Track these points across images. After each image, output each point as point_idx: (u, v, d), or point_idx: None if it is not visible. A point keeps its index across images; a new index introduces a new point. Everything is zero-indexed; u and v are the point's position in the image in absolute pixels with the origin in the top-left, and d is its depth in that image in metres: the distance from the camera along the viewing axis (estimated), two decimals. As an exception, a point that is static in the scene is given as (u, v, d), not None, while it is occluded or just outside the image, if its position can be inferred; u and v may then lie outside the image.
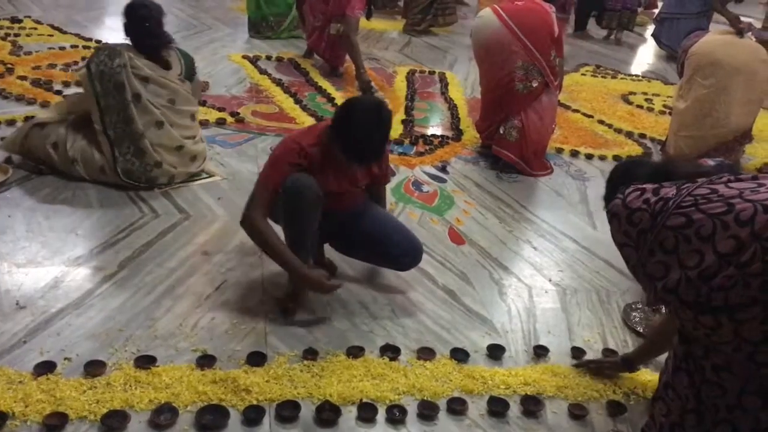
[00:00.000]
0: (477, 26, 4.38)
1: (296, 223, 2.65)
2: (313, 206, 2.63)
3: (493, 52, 4.23)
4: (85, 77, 3.46)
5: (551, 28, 4.18)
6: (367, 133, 2.52)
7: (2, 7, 6.83)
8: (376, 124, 2.53)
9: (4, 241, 2.99)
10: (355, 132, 2.51)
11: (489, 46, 4.25)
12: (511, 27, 4.12)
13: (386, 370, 2.45)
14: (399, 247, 2.88)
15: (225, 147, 4.25)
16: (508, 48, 4.14)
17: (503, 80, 4.21)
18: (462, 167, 4.40)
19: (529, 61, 4.14)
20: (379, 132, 2.56)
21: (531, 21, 4.15)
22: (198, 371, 2.34)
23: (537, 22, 4.15)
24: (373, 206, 2.97)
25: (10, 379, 2.20)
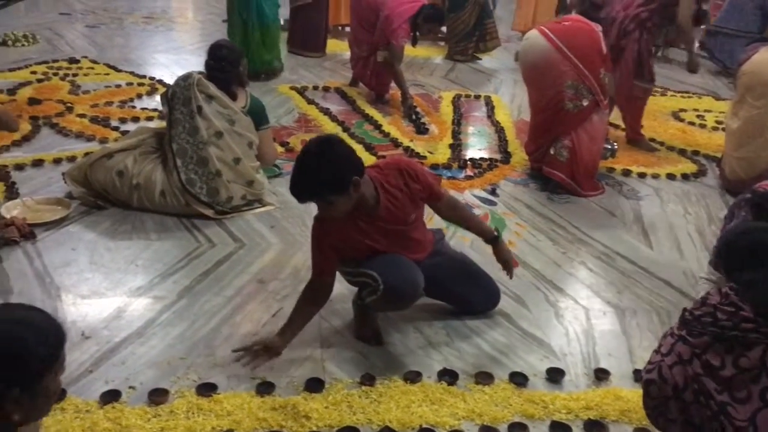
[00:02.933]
0: (524, 48, 4.38)
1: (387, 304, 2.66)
2: (409, 303, 2.66)
3: (541, 72, 4.21)
4: (163, 97, 3.86)
5: (599, 45, 4.16)
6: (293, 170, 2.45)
7: (61, 49, 7.11)
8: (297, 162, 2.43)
9: (69, 274, 3.08)
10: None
11: (537, 67, 4.23)
12: (559, 46, 4.08)
13: (444, 395, 2.43)
14: (480, 304, 2.94)
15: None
16: (556, 68, 4.11)
17: (553, 100, 4.18)
18: (512, 189, 4.37)
19: (579, 80, 4.10)
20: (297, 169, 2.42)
21: (579, 40, 4.12)
22: (258, 398, 2.37)
23: (585, 41, 4.13)
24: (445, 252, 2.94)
25: (77, 408, 2.27)
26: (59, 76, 6.02)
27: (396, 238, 2.66)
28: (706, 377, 1.81)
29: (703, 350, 1.84)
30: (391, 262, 2.59)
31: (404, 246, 2.70)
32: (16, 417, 1.36)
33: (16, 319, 1.39)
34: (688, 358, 1.85)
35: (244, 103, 3.93)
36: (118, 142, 3.96)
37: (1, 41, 7.06)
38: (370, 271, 2.58)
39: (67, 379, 2.41)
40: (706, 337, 1.84)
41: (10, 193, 3.74)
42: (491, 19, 7.86)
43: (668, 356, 1.89)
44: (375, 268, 2.57)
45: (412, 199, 2.64)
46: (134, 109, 5.37)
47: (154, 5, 10.14)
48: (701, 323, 1.85)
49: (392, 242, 2.65)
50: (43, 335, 1.39)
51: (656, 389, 1.90)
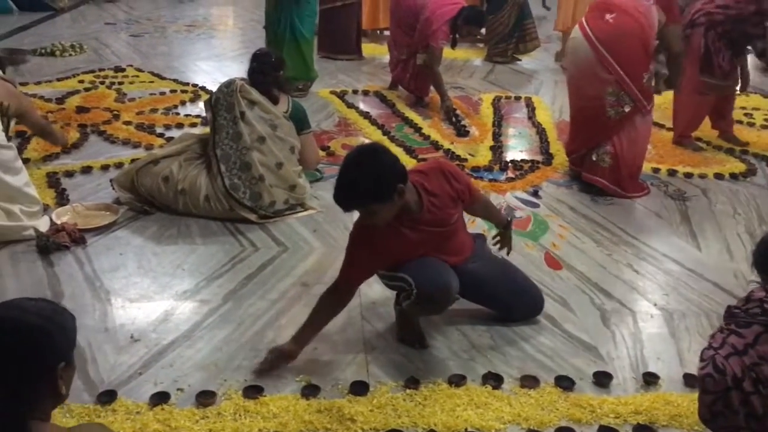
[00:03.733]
0: (568, 49, 4.32)
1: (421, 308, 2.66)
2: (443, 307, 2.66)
3: (583, 76, 4.15)
4: (206, 103, 3.96)
5: (647, 41, 4.02)
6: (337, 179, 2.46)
7: (107, 58, 7.29)
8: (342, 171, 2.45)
9: (118, 278, 3.15)
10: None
11: (579, 71, 4.18)
12: (602, 54, 3.98)
13: (490, 399, 2.42)
14: (523, 311, 2.91)
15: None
16: (598, 76, 4.03)
17: (593, 103, 4.10)
18: (554, 191, 4.33)
19: (620, 88, 4.01)
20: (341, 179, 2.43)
21: (624, 44, 3.97)
22: (303, 401, 2.39)
23: (629, 42, 3.97)
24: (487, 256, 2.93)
25: (128, 409, 2.31)
26: (106, 84, 6.17)
27: (438, 241, 2.66)
28: (765, 364, 1.78)
29: (755, 340, 1.83)
30: (425, 266, 2.59)
31: (445, 249, 2.70)
32: (64, 390, 1.42)
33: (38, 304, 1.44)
34: (742, 348, 1.83)
35: (285, 107, 3.97)
36: (164, 149, 4.03)
37: (50, 51, 7.27)
38: (404, 274, 2.59)
39: (117, 380, 2.47)
40: (756, 326, 1.82)
41: (61, 200, 3.84)
42: (530, 20, 7.79)
43: (721, 348, 1.87)
44: (409, 271, 2.58)
45: (454, 199, 2.65)
46: (178, 115, 5.48)
47: (196, 13, 10.33)
48: (749, 314, 1.83)
49: (434, 246, 2.64)
50: (66, 313, 1.48)
51: (712, 382, 1.86)
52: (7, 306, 1.41)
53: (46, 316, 1.40)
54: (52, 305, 1.46)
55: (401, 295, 2.67)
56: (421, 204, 2.55)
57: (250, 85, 3.87)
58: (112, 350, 2.64)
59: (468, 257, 2.83)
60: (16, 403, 1.31)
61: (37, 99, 5.40)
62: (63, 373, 1.40)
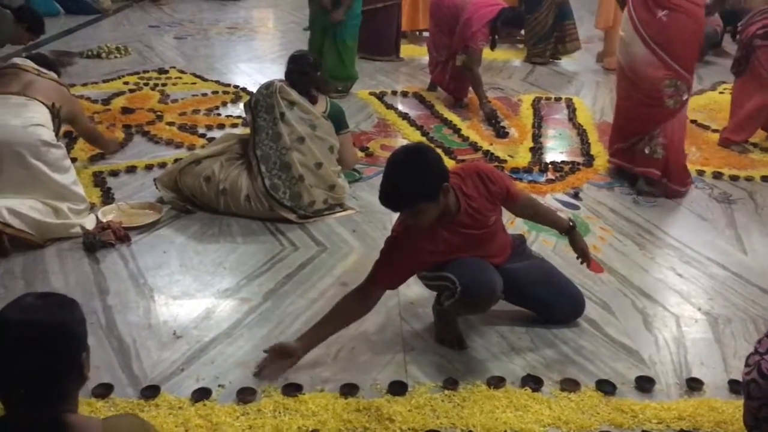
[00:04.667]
0: (620, 46, 4.24)
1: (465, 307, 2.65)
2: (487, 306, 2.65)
3: (638, 69, 4.10)
4: (246, 105, 3.98)
5: (701, 31, 4.08)
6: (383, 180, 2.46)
7: (151, 60, 7.42)
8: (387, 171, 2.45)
9: (161, 275, 3.21)
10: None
11: (634, 67, 4.12)
12: (657, 52, 3.99)
13: (529, 402, 2.40)
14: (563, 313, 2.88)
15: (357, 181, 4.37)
16: (654, 72, 4.03)
17: (650, 95, 4.09)
18: (595, 193, 4.27)
19: (677, 78, 4.03)
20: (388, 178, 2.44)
21: (679, 41, 3.97)
22: (342, 399, 2.40)
23: (685, 38, 3.97)
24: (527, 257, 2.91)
25: (170, 404, 2.35)
26: (150, 86, 6.28)
27: (476, 243, 2.65)
28: None
29: None
30: (469, 265, 2.58)
31: (484, 250, 2.68)
32: (88, 375, 1.47)
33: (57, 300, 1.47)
34: None
35: (324, 108, 4.00)
36: (206, 149, 4.09)
37: (96, 54, 7.43)
38: (447, 273, 2.58)
39: (161, 376, 2.51)
40: None
41: (107, 198, 3.93)
42: (571, 20, 7.70)
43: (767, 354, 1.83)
44: (452, 270, 2.57)
45: (491, 201, 2.64)
46: (219, 116, 5.55)
47: (237, 16, 10.45)
48: None
49: (472, 247, 2.63)
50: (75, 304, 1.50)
51: (757, 388, 1.83)
52: (25, 308, 1.40)
53: (65, 311, 1.43)
54: (63, 298, 1.47)
55: (444, 295, 2.66)
56: (459, 206, 2.54)
57: (289, 86, 3.91)
58: (155, 346, 2.68)
59: (507, 258, 2.82)
60: (52, 402, 1.34)
61: (84, 100, 5.52)
62: (85, 361, 1.45)
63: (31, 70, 3.78)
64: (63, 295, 1.49)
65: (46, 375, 1.35)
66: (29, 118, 3.46)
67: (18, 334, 1.35)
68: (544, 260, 3.00)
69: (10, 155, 3.30)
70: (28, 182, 3.35)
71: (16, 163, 3.31)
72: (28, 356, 1.34)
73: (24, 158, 3.32)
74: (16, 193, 3.33)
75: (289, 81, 3.96)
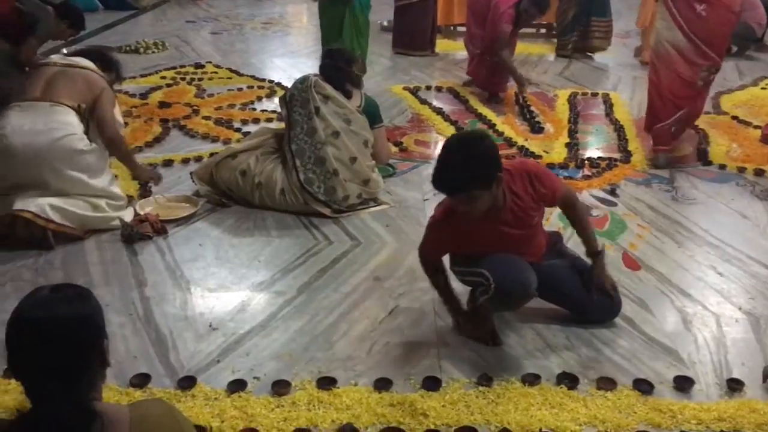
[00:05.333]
0: (659, 35, 4.47)
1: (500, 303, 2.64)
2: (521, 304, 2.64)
3: (680, 57, 4.33)
4: (281, 100, 3.97)
5: (736, 21, 4.34)
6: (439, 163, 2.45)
7: (187, 55, 7.51)
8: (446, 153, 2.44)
9: (197, 268, 3.24)
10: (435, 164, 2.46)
11: (676, 53, 4.33)
12: (698, 45, 4.22)
13: (565, 399, 2.37)
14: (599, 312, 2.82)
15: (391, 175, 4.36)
16: (694, 61, 4.29)
17: (688, 79, 4.35)
18: (633, 190, 4.21)
19: (713, 65, 4.32)
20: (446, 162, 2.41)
21: (718, 34, 4.21)
22: (376, 394, 2.40)
23: (723, 31, 4.20)
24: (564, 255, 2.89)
25: (207, 395, 2.37)
26: (186, 80, 6.36)
27: (515, 242, 2.63)
28: None
29: None
30: (504, 262, 2.56)
31: (520, 248, 2.66)
32: (110, 361, 1.48)
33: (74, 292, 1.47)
34: None
35: (359, 102, 4.00)
36: (241, 143, 4.13)
37: (134, 49, 7.55)
38: (482, 270, 2.57)
39: (197, 367, 2.54)
40: None
41: (144, 191, 3.98)
42: (600, 17, 7.50)
43: None
44: (487, 266, 2.56)
45: (536, 202, 2.61)
46: (255, 111, 5.59)
47: (272, 11, 10.51)
48: None
49: (510, 245, 2.61)
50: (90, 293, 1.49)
51: None
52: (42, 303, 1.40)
53: (82, 303, 1.43)
54: (77, 289, 1.48)
55: (478, 291, 2.64)
56: (504, 202, 2.52)
57: (324, 81, 3.91)
58: (191, 338, 2.72)
59: (543, 256, 2.79)
60: (79, 393, 1.35)
61: (122, 94, 5.60)
62: (106, 348, 1.46)
63: (58, 62, 3.66)
64: (77, 286, 1.49)
65: (70, 368, 1.35)
66: (58, 129, 3.34)
67: (38, 331, 1.34)
68: (579, 259, 2.95)
69: (47, 170, 3.31)
70: (67, 188, 3.37)
71: (54, 176, 3.32)
72: (50, 352, 1.34)
73: (60, 172, 3.34)
74: (57, 195, 3.36)
75: (324, 75, 3.96)
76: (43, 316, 1.36)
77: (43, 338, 1.34)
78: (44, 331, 1.34)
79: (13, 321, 1.37)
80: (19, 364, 1.36)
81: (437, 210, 2.69)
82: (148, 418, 1.41)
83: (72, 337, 1.36)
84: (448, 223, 2.57)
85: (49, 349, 1.34)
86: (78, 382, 1.36)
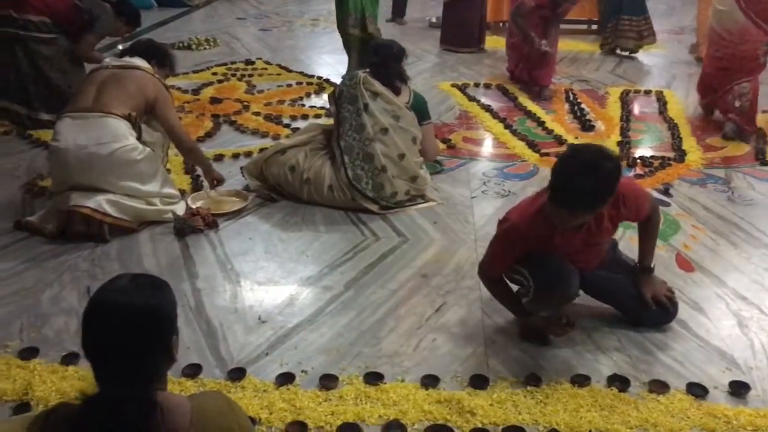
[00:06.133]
0: (719, 14, 4.90)
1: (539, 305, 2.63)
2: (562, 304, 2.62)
3: (740, 35, 4.79)
4: (330, 96, 4.02)
5: None
6: (568, 176, 2.32)
7: (238, 51, 7.61)
8: (580, 168, 2.30)
9: (247, 261, 3.29)
10: (559, 174, 2.35)
11: (732, 33, 4.83)
12: (756, 21, 4.71)
13: (615, 402, 2.33)
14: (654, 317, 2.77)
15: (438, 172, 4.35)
16: (754, 37, 4.76)
17: (749, 54, 4.82)
18: (687, 190, 4.11)
19: None
20: (582, 177, 2.27)
21: None
22: (423, 390, 2.40)
23: None
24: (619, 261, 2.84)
25: (256, 387, 2.41)
26: (237, 76, 6.45)
27: (580, 254, 2.63)
28: None
29: None
30: (546, 264, 2.54)
31: (585, 259, 2.68)
32: (177, 357, 1.51)
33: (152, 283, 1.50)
34: None
35: (407, 98, 4.00)
36: (290, 139, 4.16)
37: (187, 45, 7.68)
38: (524, 270, 2.57)
39: (246, 359, 2.57)
40: None
41: (196, 185, 4.05)
42: (630, 15, 7.29)
43: None
44: (529, 268, 2.56)
45: (614, 224, 2.61)
46: (303, 107, 5.64)
47: (321, 8, 10.57)
48: None
49: (577, 255, 2.62)
50: (167, 287, 1.53)
51: None
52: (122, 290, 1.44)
53: (159, 294, 1.47)
54: (156, 281, 1.51)
55: (520, 291, 2.65)
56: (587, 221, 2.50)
57: (373, 77, 3.92)
58: (241, 330, 2.75)
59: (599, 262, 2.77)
60: (143, 381, 1.39)
61: (175, 90, 5.70)
62: (175, 343, 1.49)
63: (111, 64, 3.66)
64: (156, 278, 1.54)
65: (136, 355, 1.39)
66: (110, 142, 3.34)
67: (114, 315, 1.40)
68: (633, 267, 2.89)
69: (101, 181, 3.38)
70: (123, 193, 3.46)
71: (107, 185, 3.40)
72: (122, 336, 1.39)
73: (114, 183, 3.41)
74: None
75: (373, 72, 3.98)
76: (118, 302, 1.41)
77: (114, 323, 1.39)
78: (116, 316, 1.39)
79: (91, 303, 1.43)
80: (90, 345, 1.41)
81: (512, 215, 2.59)
82: (208, 410, 1.44)
83: (141, 325, 1.40)
84: (531, 227, 2.51)
85: (118, 334, 1.39)
86: (141, 370, 1.39)
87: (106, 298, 1.43)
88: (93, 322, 1.41)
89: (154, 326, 1.43)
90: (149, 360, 1.42)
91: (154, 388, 1.42)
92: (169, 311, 1.49)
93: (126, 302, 1.41)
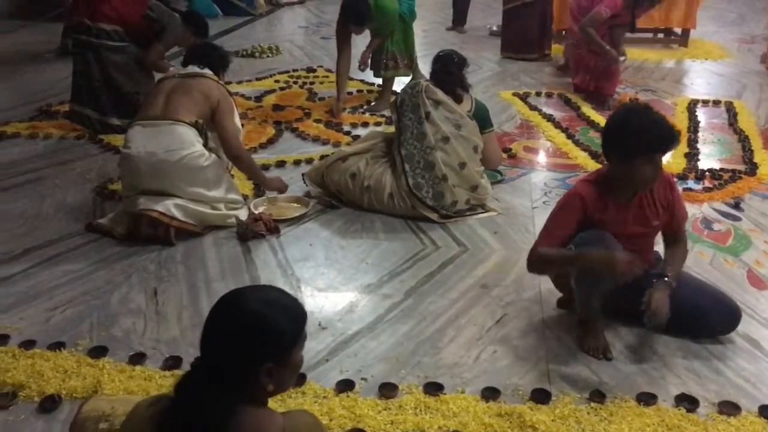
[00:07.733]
0: None
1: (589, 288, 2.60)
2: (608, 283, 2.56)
3: None
4: (392, 105, 4.00)
5: None
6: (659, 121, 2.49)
7: (299, 59, 7.71)
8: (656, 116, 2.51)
9: (307, 267, 3.32)
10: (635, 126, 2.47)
11: None
12: None
13: (683, 422, 2.26)
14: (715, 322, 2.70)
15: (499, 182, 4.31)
16: None
17: None
18: (759, 204, 3.97)
19: None
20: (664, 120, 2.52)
21: None
22: (483, 403, 2.37)
23: None
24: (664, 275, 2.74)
25: (316, 393, 2.42)
26: (298, 84, 6.53)
27: (629, 239, 2.59)
28: None
29: None
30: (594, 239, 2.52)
31: (635, 246, 2.61)
32: (270, 387, 1.48)
33: (268, 299, 1.51)
34: None
35: (469, 107, 3.98)
36: (351, 146, 4.18)
37: (250, 53, 7.82)
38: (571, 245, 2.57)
39: (306, 365, 2.56)
40: None
41: (258, 191, 4.11)
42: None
43: None
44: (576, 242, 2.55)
45: (663, 206, 2.67)
46: (364, 114, 5.67)
47: (381, 16, 10.61)
48: None
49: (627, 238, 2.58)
50: (292, 313, 1.51)
51: None
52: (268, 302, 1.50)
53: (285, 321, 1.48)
54: (299, 310, 1.53)
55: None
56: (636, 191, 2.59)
57: (435, 86, 3.92)
58: (301, 335, 2.77)
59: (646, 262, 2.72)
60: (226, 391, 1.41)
61: (239, 97, 5.81)
62: (272, 371, 1.45)
63: (177, 73, 3.75)
64: (298, 308, 1.53)
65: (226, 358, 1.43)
66: (178, 149, 3.42)
67: (246, 320, 1.45)
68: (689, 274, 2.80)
69: (169, 187, 3.47)
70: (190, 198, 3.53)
71: (175, 191, 3.48)
72: (222, 332, 1.45)
73: (182, 189, 3.49)
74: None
75: (434, 80, 3.97)
76: (254, 310, 1.46)
77: (239, 324, 1.45)
78: (245, 320, 1.45)
79: (229, 292, 1.52)
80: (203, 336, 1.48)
81: (577, 185, 2.69)
82: (300, 427, 1.47)
83: (244, 333, 1.44)
84: (590, 194, 2.59)
85: (222, 328, 1.46)
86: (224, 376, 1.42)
87: (248, 300, 1.48)
88: (216, 306, 1.49)
89: (256, 340, 1.44)
90: (233, 370, 1.43)
91: (235, 401, 1.42)
92: (281, 339, 1.47)
93: (263, 313, 1.46)
